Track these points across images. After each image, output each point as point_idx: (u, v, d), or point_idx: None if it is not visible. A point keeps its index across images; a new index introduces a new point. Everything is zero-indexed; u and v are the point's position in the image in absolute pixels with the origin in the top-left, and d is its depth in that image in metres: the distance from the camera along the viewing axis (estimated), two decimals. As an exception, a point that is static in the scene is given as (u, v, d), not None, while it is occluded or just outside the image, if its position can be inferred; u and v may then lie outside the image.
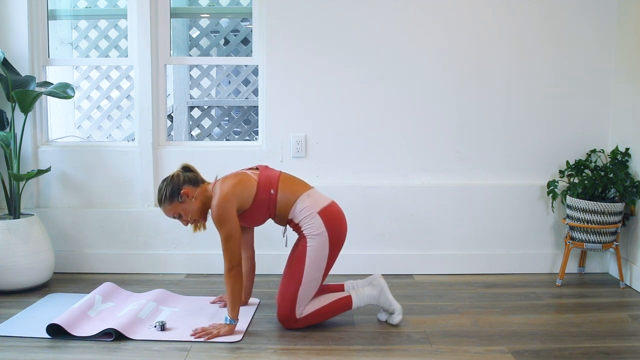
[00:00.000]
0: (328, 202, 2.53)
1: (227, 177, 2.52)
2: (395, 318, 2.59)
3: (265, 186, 2.48)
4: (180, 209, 2.52)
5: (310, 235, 2.46)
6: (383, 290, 2.59)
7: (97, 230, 3.40)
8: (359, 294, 2.58)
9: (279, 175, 2.55)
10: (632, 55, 3.21)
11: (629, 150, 3.22)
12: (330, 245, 2.48)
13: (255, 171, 2.56)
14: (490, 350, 2.35)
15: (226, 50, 5.63)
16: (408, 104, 3.37)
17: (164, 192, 2.50)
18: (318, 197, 2.54)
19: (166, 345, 2.39)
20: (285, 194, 2.50)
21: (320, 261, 2.48)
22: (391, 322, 2.60)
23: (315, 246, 2.46)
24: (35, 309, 2.79)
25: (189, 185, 2.51)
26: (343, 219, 2.57)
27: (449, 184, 3.41)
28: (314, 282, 2.49)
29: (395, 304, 2.59)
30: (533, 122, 3.41)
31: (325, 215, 2.48)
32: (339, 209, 2.57)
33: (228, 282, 2.44)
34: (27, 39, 3.30)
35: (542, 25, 3.34)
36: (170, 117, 5.60)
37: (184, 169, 2.58)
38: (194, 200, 2.50)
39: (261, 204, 2.49)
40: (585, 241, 3.14)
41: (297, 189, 2.53)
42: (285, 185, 2.52)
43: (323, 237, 2.46)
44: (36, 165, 3.39)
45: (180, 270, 3.41)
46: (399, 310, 2.59)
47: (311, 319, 2.53)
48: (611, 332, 2.55)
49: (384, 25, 3.32)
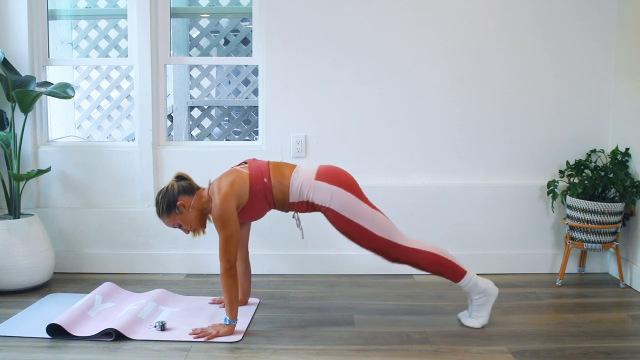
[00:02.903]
0: (317, 168, 2.55)
1: (221, 177, 2.53)
2: (470, 321, 2.58)
3: (257, 177, 2.49)
4: (179, 220, 2.54)
5: (327, 202, 2.46)
6: (492, 296, 2.57)
7: (97, 230, 3.40)
8: (473, 277, 2.54)
9: (268, 163, 2.56)
10: (632, 56, 3.21)
11: (629, 150, 3.22)
12: (349, 191, 2.47)
13: (244, 165, 2.57)
14: (490, 350, 2.35)
15: (226, 50, 5.63)
16: (408, 104, 3.38)
17: (161, 205, 2.52)
18: (306, 170, 2.55)
19: (166, 345, 2.39)
20: (277, 180, 2.51)
21: (357, 206, 2.46)
22: (464, 322, 2.60)
23: (341, 203, 2.45)
24: (35, 309, 2.79)
25: (185, 195, 2.52)
26: (338, 168, 2.57)
27: (449, 184, 3.41)
28: (375, 217, 2.48)
29: (486, 315, 2.57)
30: (533, 122, 3.41)
31: (322, 176, 2.48)
32: (330, 166, 2.58)
33: (225, 282, 2.44)
34: (27, 39, 3.30)
35: (542, 25, 3.34)
36: (170, 117, 5.60)
37: (178, 178, 2.58)
38: (191, 209, 2.52)
39: (258, 195, 2.49)
40: (585, 241, 3.14)
41: (286, 172, 2.54)
42: (275, 171, 2.53)
43: (337, 192, 2.45)
44: (36, 165, 3.39)
45: (180, 270, 3.41)
46: (484, 320, 2.57)
47: (424, 257, 2.49)
48: (611, 332, 2.55)
49: (384, 26, 3.32)
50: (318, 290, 3.11)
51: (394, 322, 2.66)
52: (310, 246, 3.37)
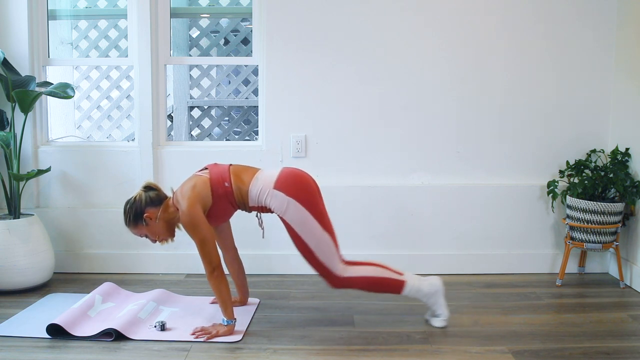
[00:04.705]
0: (277, 173, 2.50)
1: (183, 184, 2.52)
2: (437, 321, 2.60)
3: (218, 181, 2.48)
4: (146, 231, 2.53)
5: (281, 211, 2.45)
6: (438, 292, 2.58)
7: (97, 230, 3.40)
8: (414, 285, 2.54)
9: (228, 167, 2.55)
10: (632, 55, 3.21)
11: (629, 150, 3.22)
12: (305, 206, 2.44)
13: (205, 171, 2.56)
14: (490, 350, 2.35)
15: (226, 50, 5.63)
16: (408, 104, 3.38)
17: (128, 216, 2.51)
18: (267, 175, 2.51)
19: (166, 345, 2.39)
20: (237, 185, 2.50)
21: (309, 224, 2.44)
22: (432, 323, 2.61)
23: (294, 217, 2.44)
24: (35, 309, 2.79)
25: (151, 207, 2.50)
26: (299, 175, 2.52)
27: (449, 184, 3.41)
28: (322, 240, 2.45)
29: (444, 309, 2.59)
30: (533, 122, 3.41)
31: (280, 186, 2.45)
32: (291, 171, 2.53)
33: (213, 284, 2.44)
34: (27, 39, 3.30)
35: (542, 25, 3.34)
36: (170, 117, 5.60)
37: (146, 189, 2.56)
38: (158, 221, 2.50)
39: (221, 198, 2.48)
40: (585, 241, 3.14)
41: (246, 177, 2.52)
42: (235, 176, 2.51)
43: (292, 205, 2.43)
44: (36, 165, 3.39)
45: (180, 270, 3.41)
46: (446, 316, 2.59)
47: (358, 282, 2.51)
48: (611, 332, 2.55)
49: (384, 26, 3.32)
50: (318, 290, 3.11)
51: (394, 322, 2.66)
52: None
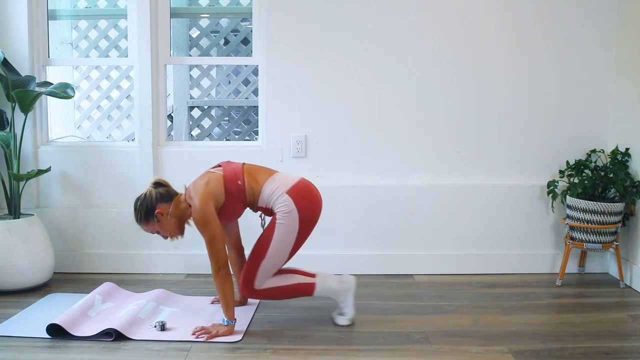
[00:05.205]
0: (296, 181, 2.52)
1: (196, 181, 2.53)
2: (342, 320, 2.61)
3: (231, 179, 2.49)
4: (157, 227, 2.53)
5: (281, 213, 2.46)
6: (348, 290, 2.60)
7: (97, 230, 3.40)
8: (324, 285, 2.58)
9: (242, 166, 2.56)
10: (632, 55, 3.21)
11: (629, 150, 3.22)
12: (300, 224, 2.47)
13: (218, 168, 2.57)
14: (490, 350, 2.35)
15: (226, 50, 5.63)
16: (408, 104, 3.38)
17: (139, 213, 2.50)
18: (285, 178, 2.53)
19: (166, 345, 2.39)
20: (250, 184, 2.51)
21: (287, 239, 2.47)
22: (336, 321, 2.62)
23: (285, 224, 2.45)
24: (35, 309, 2.79)
25: (162, 202, 2.50)
26: (315, 196, 2.55)
27: (449, 184, 3.41)
28: (277, 258, 2.50)
29: (351, 308, 2.61)
30: (533, 122, 3.41)
31: (294, 193, 2.47)
32: (310, 186, 2.55)
33: (218, 283, 2.44)
34: (27, 39, 3.30)
35: (542, 25, 3.34)
36: (170, 117, 5.60)
37: (156, 185, 2.55)
38: (169, 217, 2.50)
39: (233, 196, 2.49)
40: (585, 241, 3.14)
41: (261, 177, 2.53)
42: (249, 175, 2.52)
43: (293, 215, 2.45)
44: (36, 165, 3.39)
45: (180, 270, 3.41)
46: (350, 316, 2.61)
47: (270, 293, 2.54)
48: (611, 332, 2.55)
49: (384, 26, 3.32)
50: (318, 290, 3.11)
51: (394, 322, 2.66)
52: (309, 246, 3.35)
